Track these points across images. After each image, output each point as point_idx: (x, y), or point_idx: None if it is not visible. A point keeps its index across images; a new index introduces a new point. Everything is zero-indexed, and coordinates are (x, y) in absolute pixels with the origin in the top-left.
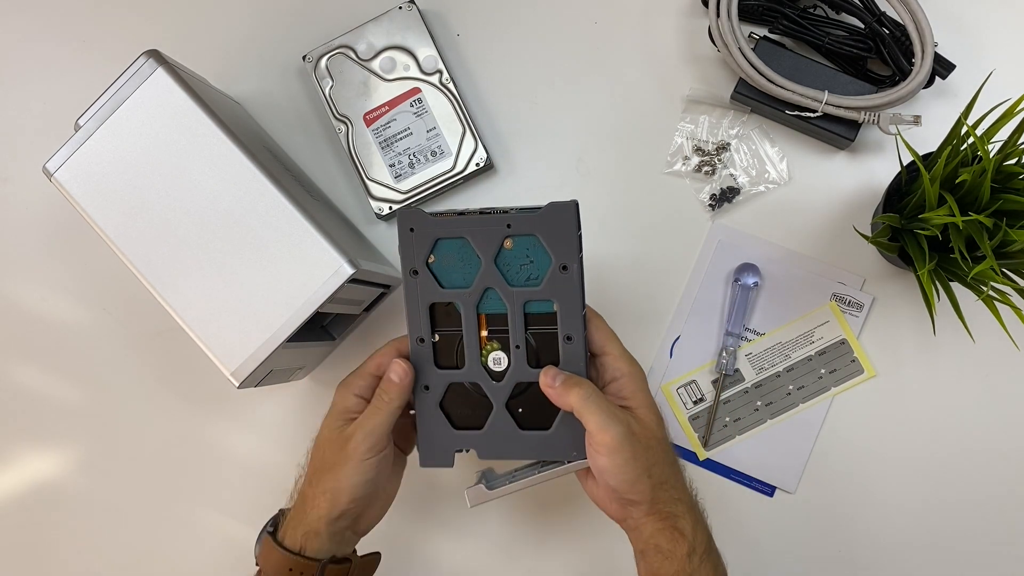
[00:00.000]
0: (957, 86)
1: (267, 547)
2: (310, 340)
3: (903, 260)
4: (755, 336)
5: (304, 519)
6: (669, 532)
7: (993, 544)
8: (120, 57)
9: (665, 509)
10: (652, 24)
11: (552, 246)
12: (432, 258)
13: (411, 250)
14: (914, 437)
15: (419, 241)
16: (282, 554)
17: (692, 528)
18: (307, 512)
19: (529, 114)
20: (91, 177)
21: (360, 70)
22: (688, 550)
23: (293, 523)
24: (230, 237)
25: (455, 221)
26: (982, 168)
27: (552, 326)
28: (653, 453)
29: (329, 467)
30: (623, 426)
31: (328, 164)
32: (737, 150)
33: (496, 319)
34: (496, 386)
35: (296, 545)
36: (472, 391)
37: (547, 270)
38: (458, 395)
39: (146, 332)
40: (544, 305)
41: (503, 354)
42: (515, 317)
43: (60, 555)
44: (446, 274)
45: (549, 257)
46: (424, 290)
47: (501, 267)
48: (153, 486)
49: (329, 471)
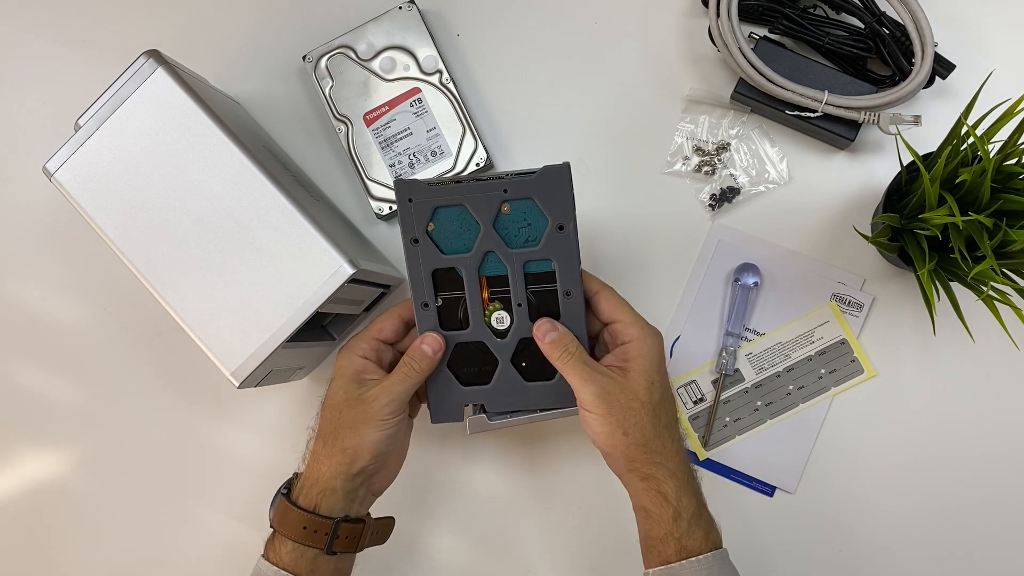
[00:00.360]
0: (957, 86)
1: (282, 507)
2: (310, 340)
3: (903, 260)
4: (755, 336)
5: (319, 477)
6: (653, 495)
7: (993, 544)
8: (120, 57)
9: (644, 470)
10: (652, 24)
11: (548, 207)
12: (431, 226)
13: (411, 220)
14: (914, 437)
15: (418, 211)
16: (297, 512)
17: (675, 493)
18: (321, 470)
19: (529, 114)
20: (91, 177)
21: (360, 70)
22: (673, 514)
23: (308, 483)
24: (230, 237)
25: (452, 189)
26: (982, 168)
27: (551, 284)
28: (633, 415)
29: (349, 425)
30: (596, 386)
31: (328, 164)
32: (737, 150)
33: (497, 280)
34: (501, 343)
35: (311, 504)
36: (477, 349)
37: (544, 231)
38: (463, 355)
39: (146, 332)
40: (543, 264)
41: (505, 313)
42: (516, 277)
43: (60, 555)
44: (446, 241)
45: (545, 218)
46: (426, 257)
47: (500, 231)
48: (152, 485)
49: (349, 429)
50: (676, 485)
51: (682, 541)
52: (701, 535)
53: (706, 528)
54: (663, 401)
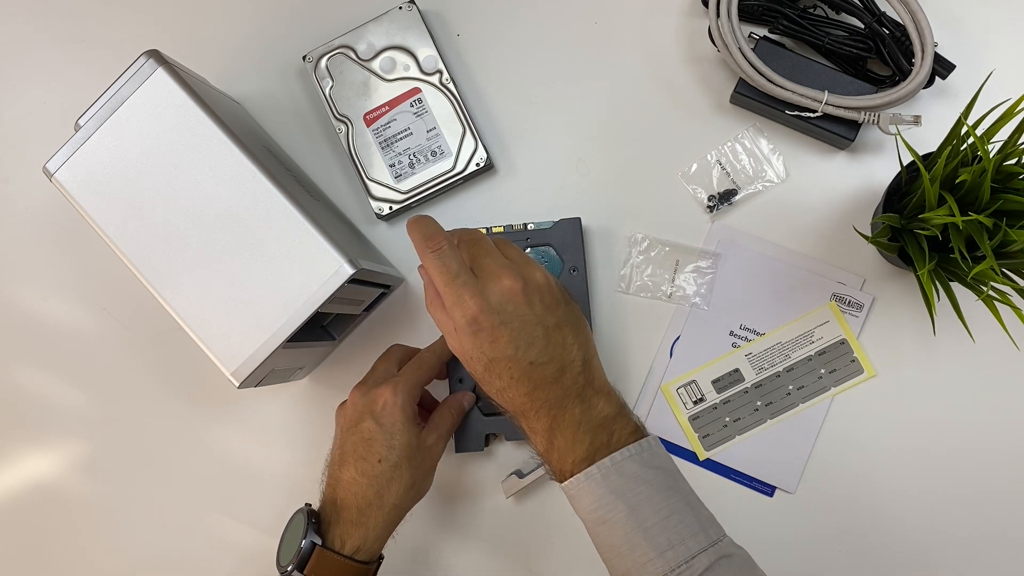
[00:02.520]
0: (957, 86)
1: (323, 558)
2: (310, 340)
3: (903, 260)
4: (755, 336)
5: (364, 524)
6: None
7: (993, 544)
8: (120, 57)
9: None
10: (652, 24)
11: (562, 253)
12: None
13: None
14: (914, 437)
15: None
16: (344, 563)
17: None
18: (368, 517)
19: (529, 114)
20: (91, 177)
21: (360, 70)
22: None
23: (348, 527)
24: (230, 237)
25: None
26: (982, 168)
27: None
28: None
29: (423, 475)
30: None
31: (328, 164)
32: (734, 150)
33: None
34: None
35: (352, 549)
36: None
37: (559, 272)
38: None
39: (146, 332)
40: None
41: None
42: None
43: (59, 555)
44: None
45: (560, 261)
46: None
47: None
48: (152, 485)
49: (424, 479)
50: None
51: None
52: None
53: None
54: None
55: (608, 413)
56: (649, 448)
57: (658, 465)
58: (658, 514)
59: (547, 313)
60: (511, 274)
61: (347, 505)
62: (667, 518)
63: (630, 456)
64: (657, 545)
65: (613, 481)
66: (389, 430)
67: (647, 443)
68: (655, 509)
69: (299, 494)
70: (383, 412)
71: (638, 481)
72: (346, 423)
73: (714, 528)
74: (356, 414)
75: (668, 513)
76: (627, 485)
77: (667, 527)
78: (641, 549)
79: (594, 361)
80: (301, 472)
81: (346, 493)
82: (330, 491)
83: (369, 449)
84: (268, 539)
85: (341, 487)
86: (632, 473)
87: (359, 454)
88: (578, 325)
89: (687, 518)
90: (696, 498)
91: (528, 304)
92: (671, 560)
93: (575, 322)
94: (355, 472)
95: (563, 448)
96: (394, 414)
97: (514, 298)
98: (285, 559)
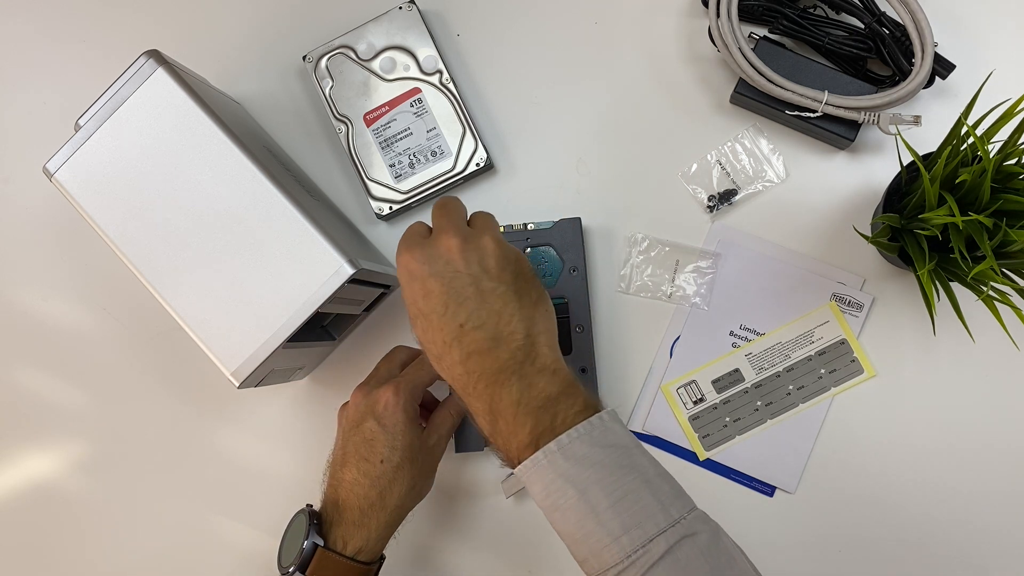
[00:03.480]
0: (957, 86)
1: (325, 559)
2: (310, 340)
3: (903, 260)
4: (755, 336)
5: (366, 525)
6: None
7: (993, 544)
8: (120, 57)
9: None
10: (652, 24)
11: (562, 253)
12: None
13: None
14: (914, 437)
15: None
16: (347, 564)
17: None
18: (370, 518)
19: (529, 114)
20: (91, 177)
21: (360, 70)
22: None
23: (350, 528)
24: (230, 237)
25: None
26: (982, 168)
27: (563, 315)
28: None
29: (425, 476)
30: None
31: (328, 164)
32: (734, 150)
33: None
34: None
35: (354, 550)
36: None
37: (559, 272)
38: None
39: (146, 332)
40: (558, 300)
41: None
42: None
43: (59, 555)
44: None
45: (561, 261)
46: None
47: None
48: (152, 485)
49: (425, 480)
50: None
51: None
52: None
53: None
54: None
55: (550, 393)
56: (601, 424)
57: (611, 443)
58: (610, 497)
59: (484, 275)
60: (456, 232)
61: (349, 506)
62: (619, 500)
63: (578, 437)
64: (611, 531)
65: (560, 465)
66: (391, 431)
67: (598, 420)
68: (606, 492)
69: (299, 494)
70: (385, 413)
71: (587, 463)
72: (348, 424)
73: (676, 505)
74: (358, 415)
75: (621, 495)
76: (575, 468)
77: (620, 510)
78: (595, 536)
79: (541, 339)
80: (301, 472)
81: (348, 494)
82: (331, 492)
83: (371, 450)
84: (268, 539)
85: (343, 488)
86: (581, 455)
87: (361, 455)
88: (526, 299)
89: (643, 498)
90: (656, 472)
91: (464, 261)
92: (626, 545)
93: (524, 295)
94: (357, 473)
95: (506, 432)
96: (396, 415)
97: (449, 252)
98: (287, 560)
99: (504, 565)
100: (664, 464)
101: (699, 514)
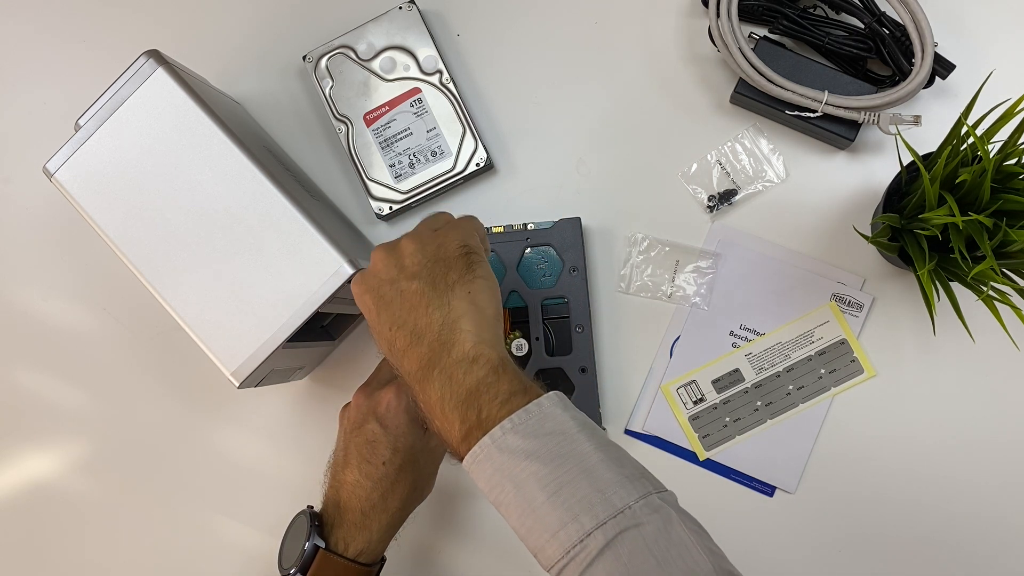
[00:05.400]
0: (957, 86)
1: (326, 561)
2: (310, 340)
3: (903, 260)
4: (755, 336)
5: (367, 526)
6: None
7: (992, 544)
8: (120, 57)
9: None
10: (652, 24)
11: (562, 253)
12: None
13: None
14: (914, 437)
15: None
16: (348, 565)
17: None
18: (372, 520)
19: (529, 114)
20: (91, 177)
21: (360, 70)
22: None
23: (351, 530)
24: (230, 237)
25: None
26: (982, 168)
27: (563, 315)
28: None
29: (427, 477)
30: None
31: (328, 164)
32: (734, 150)
33: (517, 312)
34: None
35: (356, 552)
36: None
37: (559, 272)
38: None
39: (146, 332)
40: (558, 300)
41: (524, 341)
42: (535, 314)
43: (59, 555)
44: None
45: (561, 261)
46: None
47: (522, 273)
48: (152, 485)
49: (427, 481)
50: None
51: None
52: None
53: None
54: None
55: (469, 385)
56: (539, 412)
57: (548, 431)
58: (546, 490)
59: (401, 275)
60: (382, 246)
61: (350, 507)
62: (556, 493)
63: (512, 428)
64: (549, 526)
65: (496, 460)
66: (393, 432)
67: (536, 407)
68: (542, 485)
69: (299, 494)
70: (387, 414)
71: (522, 455)
72: (350, 425)
73: (620, 494)
74: (360, 416)
75: (557, 488)
76: (511, 462)
77: (557, 504)
78: (536, 532)
79: (461, 323)
80: (301, 472)
81: (349, 495)
82: (333, 493)
83: (373, 451)
84: (268, 539)
85: (344, 489)
86: (515, 448)
87: (363, 456)
88: (441, 284)
89: (580, 489)
90: (601, 457)
91: (385, 268)
92: (564, 542)
93: (439, 280)
94: (358, 474)
95: (442, 430)
96: (398, 416)
97: (375, 267)
98: (287, 562)
99: (504, 566)
100: (664, 464)
101: (651, 501)
